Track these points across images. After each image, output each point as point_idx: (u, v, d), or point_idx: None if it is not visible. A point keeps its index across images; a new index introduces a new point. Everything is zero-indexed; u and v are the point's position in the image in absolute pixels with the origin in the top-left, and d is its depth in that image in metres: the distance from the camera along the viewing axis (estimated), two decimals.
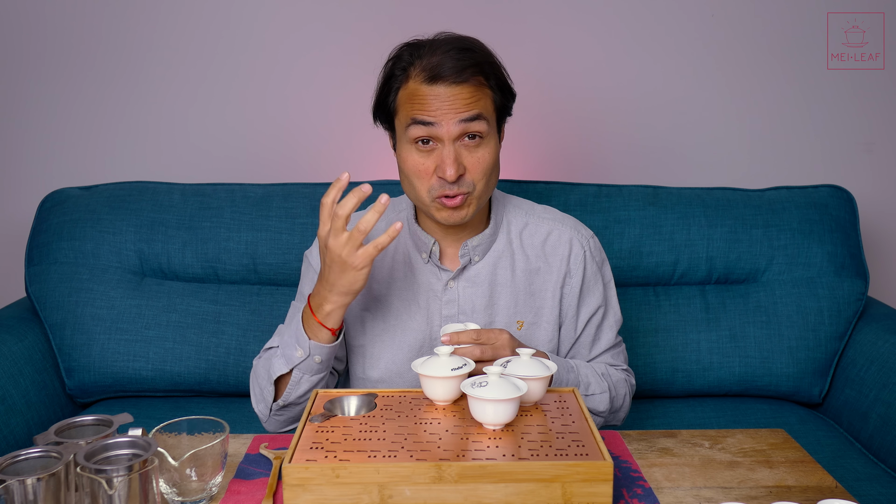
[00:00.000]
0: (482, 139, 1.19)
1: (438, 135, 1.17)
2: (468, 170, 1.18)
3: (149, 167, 1.99)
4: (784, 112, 2.04)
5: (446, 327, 1.18)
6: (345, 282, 1.13)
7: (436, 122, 1.16)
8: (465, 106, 1.16)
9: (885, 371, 1.58)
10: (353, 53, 1.97)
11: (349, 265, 1.11)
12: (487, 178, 1.21)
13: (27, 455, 0.87)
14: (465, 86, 1.16)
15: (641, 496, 0.97)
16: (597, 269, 1.34)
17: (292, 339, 1.20)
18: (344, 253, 1.11)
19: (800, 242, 1.74)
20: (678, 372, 1.73)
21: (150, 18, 1.97)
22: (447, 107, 1.16)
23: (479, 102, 1.17)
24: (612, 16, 1.98)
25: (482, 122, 1.18)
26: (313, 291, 1.19)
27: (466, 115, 1.16)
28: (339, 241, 1.10)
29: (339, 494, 0.89)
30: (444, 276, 1.29)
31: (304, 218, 1.73)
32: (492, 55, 1.22)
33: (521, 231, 1.32)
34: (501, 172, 1.81)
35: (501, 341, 1.15)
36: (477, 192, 1.20)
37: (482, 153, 1.19)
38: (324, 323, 1.18)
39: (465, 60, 1.16)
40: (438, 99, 1.16)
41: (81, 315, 1.68)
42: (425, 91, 1.17)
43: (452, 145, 1.17)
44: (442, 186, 1.18)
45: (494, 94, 1.21)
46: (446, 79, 1.16)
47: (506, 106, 1.24)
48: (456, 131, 1.16)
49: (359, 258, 1.11)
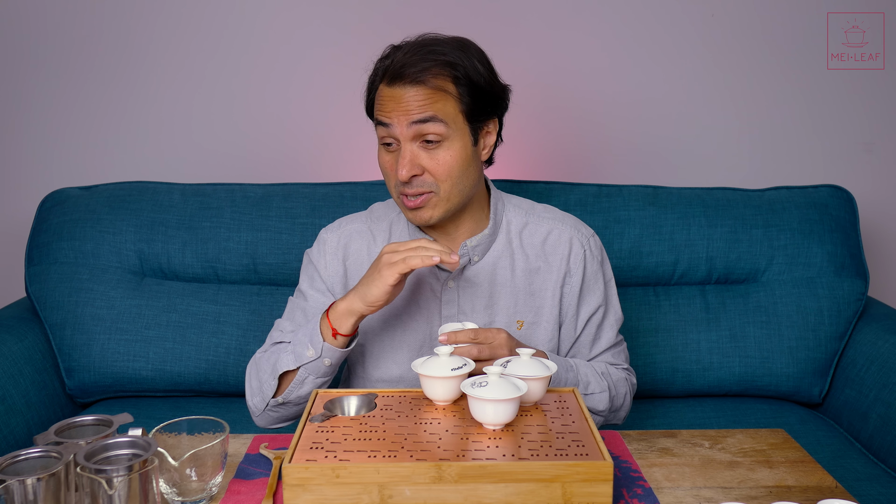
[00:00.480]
0: (441, 141, 1.18)
1: (395, 136, 1.18)
2: (428, 170, 1.19)
3: (149, 167, 1.99)
4: (784, 112, 2.04)
5: (444, 327, 1.18)
6: (370, 291, 1.15)
7: (391, 123, 1.18)
8: (418, 108, 1.16)
9: (885, 371, 1.58)
10: (353, 54, 1.95)
11: (379, 278, 1.14)
12: (455, 180, 1.20)
13: (27, 455, 0.88)
14: (421, 87, 1.16)
15: (641, 496, 0.97)
16: (597, 267, 1.34)
17: (306, 338, 1.21)
18: (383, 259, 1.14)
19: (800, 242, 1.74)
20: (678, 372, 1.73)
21: (151, 19, 1.97)
22: (400, 108, 1.17)
23: (436, 104, 1.17)
24: (613, 16, 1.98)
25: (438, 124, 1.17)
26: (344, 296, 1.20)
27: (418, 117, 1.16)
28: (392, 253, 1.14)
29: (339, 494, 0.89)
30: (443, 276, 1.29)
31: (304, 218, 1.73)
32: (465, 56, 1.19)
33: (521, 230, 1.32)
34: (501, 173, 1.83)
35: (499, 340, 1.15)
36: (443, 193, 1.20)
37: (442, 155, 1.18)
38: (336, 327, 1.19)
39: (427, 61, 1.16)
40: (393, 100, 1.17)
41: (81, 315, 1.68)
42: (386, 92, 1.19)
43: (409, 146, 1.18)
44: (400, 185, 1.20)
45: (461, 96, 1.18)
46: (404, 78, 1.16)
47: (481, 106, 1.21)
48: (409, 133, 1.17)
49: (391, 275, 1.13)
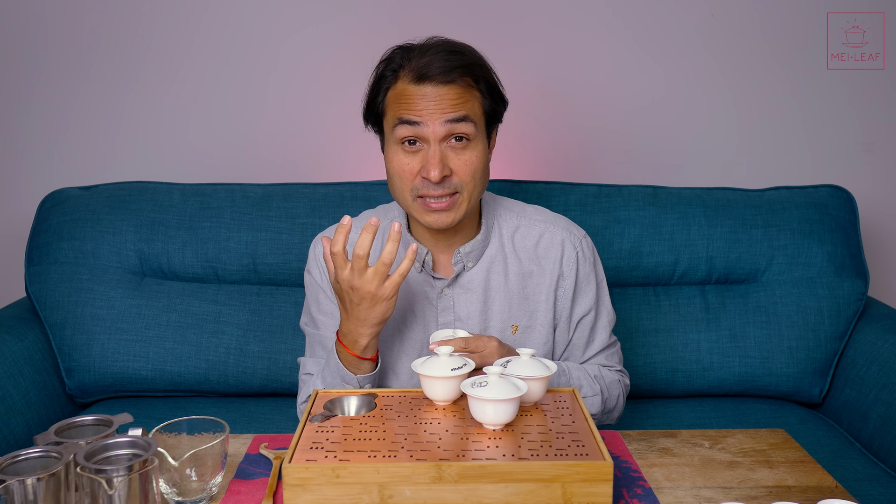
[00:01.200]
0: (469, 141, 1.18)
1: (424, 135, 1.16)
2: (455, 171, 1.18)
3: (149, 167, 1.99)
4: (784, 112, 2.04)
5: (435, 334, 1.18)
6: (376, 314, 1.14)
7: (422, 121, 1.16)
8: (451, 106, 1.15)
9: (885, 371, 1.58)
10: (352, 54, 1.96)
11: (379, 297, 1.13)
12: (477, 182, 1.20)
13: (27, 455, 0.88)
14: (452, 86, 1.16)
15: (641, 496, 0.97)
16: (589, 269, 1.33)
17: (337, 378, 1.22)
18: (372, 288, 1.12)
19: (800, 242, 1.74)
20: (678, 372, 1.73)
21: (151, 19, 1.97)
22: (433, 106, 1.15)
23: (467, 104, 1.17)
24: (613, 16, 1.98)
25: (469, 125, 1.17)
26: (343, 330, 1.19)
27: (453, 116, 1.16)
28: (365, 278, 1.11)
29: (339, 494, 0.89)
30: (438, 284, 1.29)
31: (304, 218, 1.73)
32: (483, 60, 1.22)
33: (513, 234, 1.31)
34: (501, 173, 1.83)
35: (490, 349, 1.15)
36: (466, 193, 1.19)
37: (469, 155, 1.18)
38: (363, 356, 1.19)
39: (453, 61, 1.16)
40: (425, 98, 1.16)
41: (81, 315, 1.68)
42: (412, 91, 1.16)
43: (438, 146, 1.16)
44: (426, 187, 1.18)
45: (483, 98, 1.20)
46: (434, 78, 1.15)
47: (495, 111, 1.23)
48: (442, 132, 1.16)
49: (387, 289, 1.12)
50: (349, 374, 1.20)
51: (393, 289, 1.13)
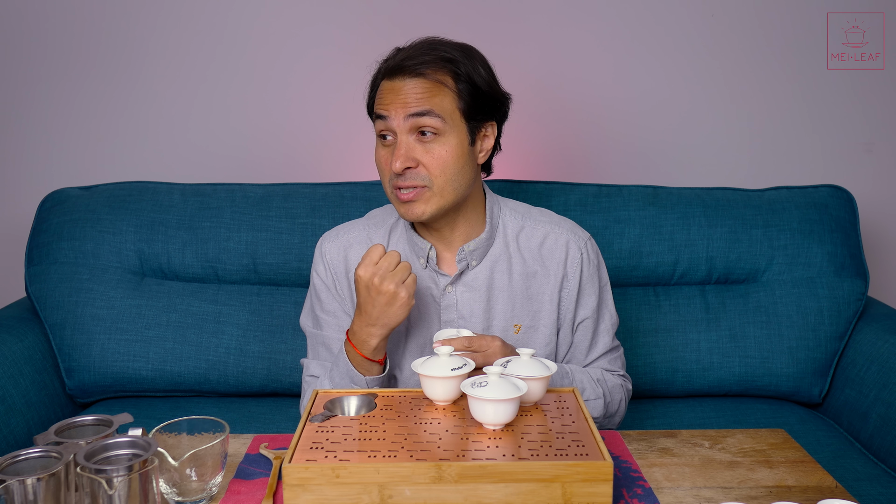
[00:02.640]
0: (437, 135, 1.18)
1: (392, 128, 1.19)
2: (423, 164, 1.19)
3: (149, 167, 1.99)
4: (784, 112, 2.04)
5: (439, 333, 1.18)
6: (391, 314, 1.16)
7: (387, 115, 1.19)
8: (415, 101, 1.17)
9: (885, 371, 1.58)
10: (353, 53, 1.96)
11: (398, 297, 1.15)
12: (449, 176, 1.20)
13: (27, 455, 0.88)
14: (420, 80, 1.18)
15: (641, 496, 0.97)
16: (593, 271, 1.33)
17: (346, 379, 1.22)
18: (392, 287, 1.14)
19: (800, 242, 1.74)
20: (678, 372, 1.73)
21: (151, 18, 1.97)
22: (398, 100, 1.18)
23: (434, 98, 1.17)
24: (613, 16, 1.98)
25: (434, 118, 1.17)
26: (352, 330, 1.21)
27: (415, 110, 1.17)
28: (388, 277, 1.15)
29: (339, 494, 0.89)
30: (442, 281, 1.29)
31: (304, 218, 1.73)
32: (470, 56, 1.21)
33: (518, 234, 1.32)
34: (501, 173, 1.82)
35: (493, 348, 1.16)
36: (436, 187, 1.19)
37: (438, 149, 1.19)
38: (372, 358, 1.20)
39: (428, 55, 1.18)
40: (392, 92, 1.18)
41: (81, 315, 1.68)
42: (385, 86, 1.20)
43: (405, 138, 1.19)
44: (396, 178, 1.20)
45: (460, 93, 1.19)
46: (404, 71, 1.18)
47: (480, 107, 1.22)
48: (406, 125, 1.18)
49: (405, 288, 1.15)
50: (358, 376, 1.20)
51: (407, 291, 1.15)
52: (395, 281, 1.14)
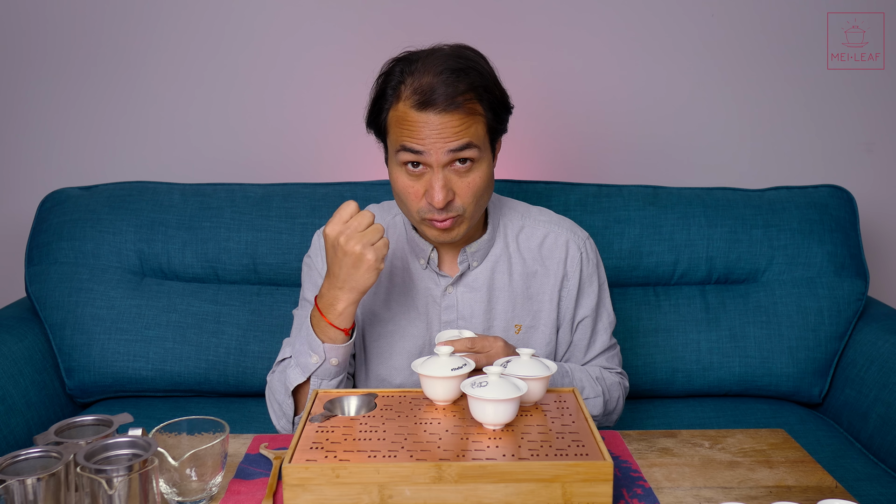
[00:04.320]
0: (473, 163, 1.16)
1: (427, 161, 1.15)
2: (458, 194, 1.16)
3: (149, 167, 1.99)
4: (784, 112, 2.04)
5: (441, 335, 1.18)
6: (357, 278, 1.13)
7: (424, 150, 1.14)
8: (454, 135, 1.13)
9: (885, 371, 1.58)
10: (353, 53, 1.97)
11: (364, 259, 1.11)
12: (478, 200, 1.19)
13: (27, 455, 0.87)
14: (455, 113, 1.12)
15: (641, 496, 0.97)
16: (592, 270, 1.33)
17: (304, 346, 1.19)
18: (358, 248, 1.11)
19: (800, 242, 1.74)
20: (678, 372, 1.73)
21: (151, 19, 1.97)
22: (436, 135, 1.12)
23: (470, 130, 1.14)
24: (613, 16, 1.98)
25: (472, 150, 1.15)
26: (320, 293, 1.18)
27: (456, 145, 1.13)
28: (354, 237, 1.11)
29: (339, 494, 0.89)
30: (443, 282, 1.29)
31: (304, 218, 1.73)
32: (486, 72, 1.18)
33: (518, 234, 1.32)
34: (501, 173, 1.82)
35: (496, 349, 1.15)
36: (467, 214, 1.19)
37: (473, 177, 1.17)
38: (336, 324, 1.16)
39: (457, 85, 1.13)
40: (428, 126, 1.12)
41: (81, 315, 1.68)
42: (414, 117, 1.13)
43: (442, 171, 1.15)
44: (431, 210, 1.17)
45: (487, 117, 1.17)
46: (436, 106, 1.12)
47: (500, 124, 1.21)
48: (445, 160, 1.14)
49: (374, 251, 1.11)
50: (316, 341, 1.17)
51: (375, 254, 1.11)
52: (363, 242, 1.10)
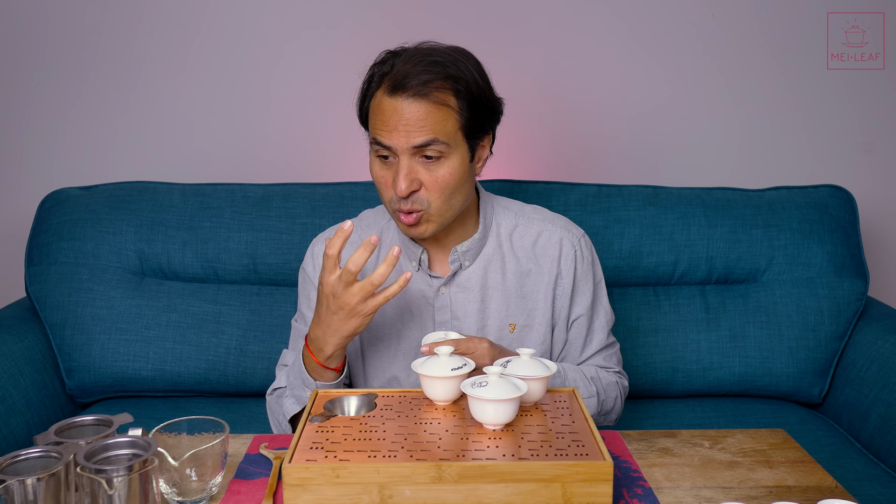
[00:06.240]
0: (440, 158, 1.16)
1: (394, 150, 1.16)
2: (424, 186, 1.16)
3: (149, 167, 1.99)
4: (784, 112, 2.04)
5: (427, 337, 1.17)
6: (349, 327, 1.13)
7: (392, 144, 1.15)
8: (418, 129, 1.13)
9: (885, 371, 1.58)
10: (353, 54, 1.95)
11: (357, 313, 1.12)
12: (447, 196, 1.18)
13: (27, 455, 0.87)
14: (423, 102, 1.13)
15: (641, 496, 0.97)
16: (587, 268, 1.32)
17: (298, 380, 1.21)
18: (353, 302, 1.11)
19: (800, 242, 1.74)
20: (678, 372, 1.73)
21: (151, 19, 1.97)
22: (401, 126, 1.13)
23: (437, 124, 1.14)
24: (613, 16, 1.98)
25: (437, 146, 1.15)
26: (311, 335, 1.18)
27: (419, 141, 1.14)
28: (350, 291, 1.10)
29: (339, 494, 0.89)
30: (435, 282, 1.28)
31: (304, 218, 1.73)
32: (468, 70, 1.17)
33: (511, 233, 1.31)
34: (501, 173, 1.83)
35: (481, 350, 1.14)
36: (433, 209, 1.18)
37: (441, 172, 1.16)
38: (327, 365, 1.18)
39: (430, 73, 1.13)
40: (394, 115, 1.13)
41: (81, 315, 1.68)
42: (386, 104, 1.15)
43: (408, 160, 1.15)
44: (398, 200, 1.17)
45: (462, 112, 1.16)
46: (406, 90, 1.13)
47: (479, 122, 1.19)
48: (409, 150, 1.15)
49: (368, 307, 1.11)
50: (309, 379, 1.19)
51: (373, 309, 1.11)
52: (358, 297, 1.10)
